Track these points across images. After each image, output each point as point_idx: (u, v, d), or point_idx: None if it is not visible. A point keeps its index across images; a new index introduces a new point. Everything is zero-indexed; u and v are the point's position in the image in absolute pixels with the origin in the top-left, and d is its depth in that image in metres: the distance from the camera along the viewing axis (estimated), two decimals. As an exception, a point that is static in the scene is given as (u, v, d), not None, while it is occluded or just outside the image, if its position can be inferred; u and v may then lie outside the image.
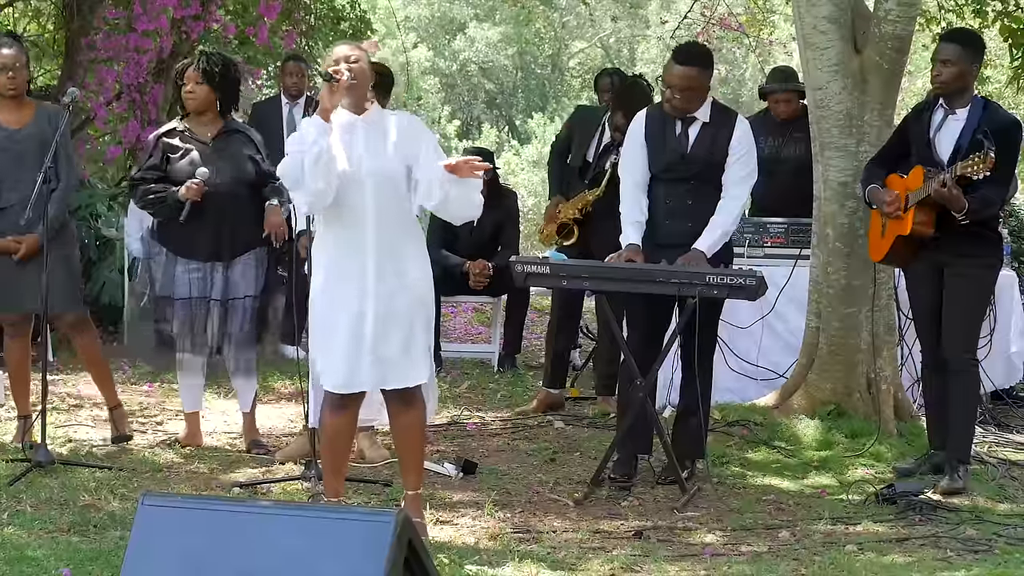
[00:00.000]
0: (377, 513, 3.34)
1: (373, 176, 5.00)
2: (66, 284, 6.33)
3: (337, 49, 5.14)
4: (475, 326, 11.17)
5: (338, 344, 5.05)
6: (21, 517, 5.24)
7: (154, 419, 7.36)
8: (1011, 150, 5.97)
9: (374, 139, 5.06)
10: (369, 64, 5.15)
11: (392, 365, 5.06)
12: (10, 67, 6.26)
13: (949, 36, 6.25)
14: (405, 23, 30.38)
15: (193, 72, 6.38)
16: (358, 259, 5.02)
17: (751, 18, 14.85)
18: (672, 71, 6.02)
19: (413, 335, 5.08)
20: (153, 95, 10.24)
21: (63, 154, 6.26)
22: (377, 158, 5.03)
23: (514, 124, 35.66)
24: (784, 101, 8.10)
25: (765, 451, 6.70)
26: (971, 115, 5.96)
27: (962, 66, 5.97)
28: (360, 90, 5.07)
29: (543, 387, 7.86)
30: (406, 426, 5.18)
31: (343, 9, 13.86)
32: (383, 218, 5.02)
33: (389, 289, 5.02)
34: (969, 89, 6.05)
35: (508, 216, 9.19)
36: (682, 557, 5.01)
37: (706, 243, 5.95)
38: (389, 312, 5.02)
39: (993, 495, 5.98)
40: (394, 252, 5.05)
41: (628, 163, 6.19)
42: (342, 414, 5.16)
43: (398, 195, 5.06)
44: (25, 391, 6.55)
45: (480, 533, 5.30)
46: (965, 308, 6.03)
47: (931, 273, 6.10)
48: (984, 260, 6.06)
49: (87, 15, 10.61)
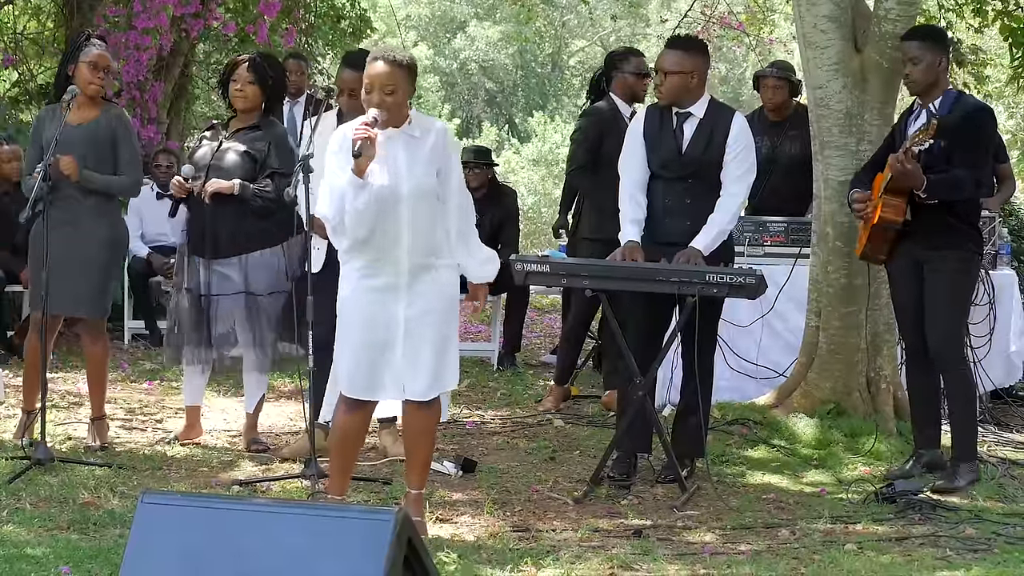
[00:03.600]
0: (377, 511, 3.33)
1: (412, 192, 4.96)
2: (96, 289, 6.39)
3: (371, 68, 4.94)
4: (475, 324, 11.17)
5: (364, 351, 5.02)
6: (21, 515, 5.23)
7: (154, 417, 7.35)
8: (977, 133, 5.99)
9: (412, 153, 5.00)
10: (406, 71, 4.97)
11: (423, 374, 5.05)
12: (101, 67, 6.36)
13: (910, 34, 6.25)
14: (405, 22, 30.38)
15: (247, 72, 6.39)
16: (392, 268, 4.99)
17: (751, 17, 14.85)
18: (661, 56, 6.09)
19: (446, 341, 5.09)
20: (153, 92, 10.25)
21: (125, 154, 6.39)
22: (415, 175, 4.98)
23: (514, 123, 35.67)
24: (773, 87, 8.08)
25: (765, 450, 6.70)
26: (942, 106, 6.00)
27: (928, 59, 6.00)
28: (399, 110, 4.98)
29: (555, 385, 7.87)
30: (422, 428, 5.17)
31: (343, 7, 13.85)
32: (418, 230, 4.99)
33: (424, 298, 5.01)
34: (940, 83, 6.08)
35: (508, 215, 9.20)
36: (681, 556, 5.01)
37: (703, 241, 5.95)
38: (425, 321, 5.01)
39: (993, 494, 5.97)
40: (427, 260, 5.02)
41: (627, 161, 6.18)
42: (356, 414, 5.15)
43: (432, 206, 5.03)
44: (36, 388, 6.56)
45: (479, 531, 5.30)
46: (944, 304, 6.03)
47: (910, 268, 6.11)
48: (959, 254, 6.02)
49: (87, 13, 10.62)
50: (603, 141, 7.68)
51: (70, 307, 6.35)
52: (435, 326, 5.04)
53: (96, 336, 6.50)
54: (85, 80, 6.32)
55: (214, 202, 6.35)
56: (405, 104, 5.02)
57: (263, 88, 6.43)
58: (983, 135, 6.07)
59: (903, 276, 6.17)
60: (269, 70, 6.44)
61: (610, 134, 7.59)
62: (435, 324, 5.04)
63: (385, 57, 4.96)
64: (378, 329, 5.00)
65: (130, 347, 9.52)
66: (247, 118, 6.50)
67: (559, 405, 7.78)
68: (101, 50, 6.42)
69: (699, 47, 6.11)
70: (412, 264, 4.99)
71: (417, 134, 5.02)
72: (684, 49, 6.04)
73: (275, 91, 6.52)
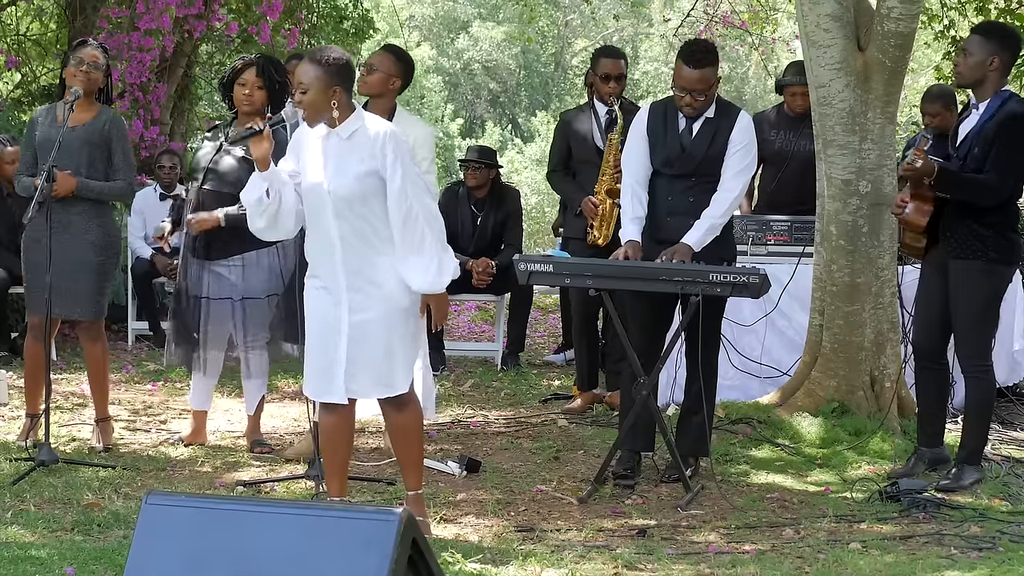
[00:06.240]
0: (381, 511, 3.33)
1: (334, 195, 4.92)
2: (92, 291, 6.39)
3: (299, 71, 4.97)
4: (478, 324, 11.17)
5: (314, 351, 5.07)
6: (25, 516, 5.24)
7: (158, 418, 7.36)
8: (1012, 139, 5.84)
9: (341, 155, 4.94)
10: (324, 70, 4.90)
11: (365, 376, 5.02)
12: (87, 61, 6.37)
13: (976, 28, 6.21)
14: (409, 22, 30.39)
15: (256, 78, 6.39)
16: (330, 271, 5.00)
17: (754, 16, 14.83)
18: (685, 75, 5.93)
19: (391, 346, 5.00)
20: (156, 94, 10.26)
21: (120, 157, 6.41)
22: (340, 176, 4.92)
23: (517, 122, 35.68)
24: (801, 94, 8.06)
25: (768, 449, 6.70)
26: (988, 108, 5.92)
27: (979, 56, 5.89)
28: (315, 110, 4.92)
29: (581, 391, 7.83)
30: (399, 428, 5.18)
31: (345, 8, 13.85)
32: (349, 237, 4.94)
33: (362, 302, 4.97)
34: (988, 81, 5.92)
35: (511, 214, 9.21)
36: (686, 555, 5.01)
37: (694, 237, 5.92)
38: (363, 324, 4.97)
39: (997, 493, 5.97)
40: (363, 266, 4.96)
41: (629, 159, 6.17)
42: (333, 416, 5.15)
43: (367, 212, 4.93)
44: (38, 390, 6.56)
45: (484, 531, 5.30)
46: (967, 311, 5.99)
47: (937, 271, 6.08)
48: (981, 264, 5.94)
49: (90, 14, 10.63)
50: (570, 144, 7.81)
51: (67, 310, 6.35)
52: (376, 334, 4.98)
53: (94, 338, 6.51)
54: (70, 75, 6.34)
55: (212, 206, 6.35)
56: (326, 104, 4.91)
57: (270, 92, 6.44)
58: (1017, 141, 5.86)
59: (930, 278, 6.15)
60: (276, 74, 6.44)
61: (575, 137, 7.76)
62: (376, 332, 4.98)
63: (310, 56, 5.02)
64: (326, 331, 5.02)
65: (134, 348, 9.52)
66: (249, 121, 6.49)
67: (587, 406, 7.75)
68: (93, 48, 6.44)
69: (715, 58, 6.03)
70: (347, 267, 4.95)
71: (346, 135, 4.95)
72: (706, 65, 5.92)
73: (280, 95, 6.52)
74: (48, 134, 6.30)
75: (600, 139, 7.63)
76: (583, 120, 7.77)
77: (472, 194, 9.16)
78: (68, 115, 6.21)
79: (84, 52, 6.40)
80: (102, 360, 6.56)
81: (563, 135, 7.90)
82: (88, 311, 6.41)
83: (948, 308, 6.05)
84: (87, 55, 6.38)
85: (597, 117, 7.66)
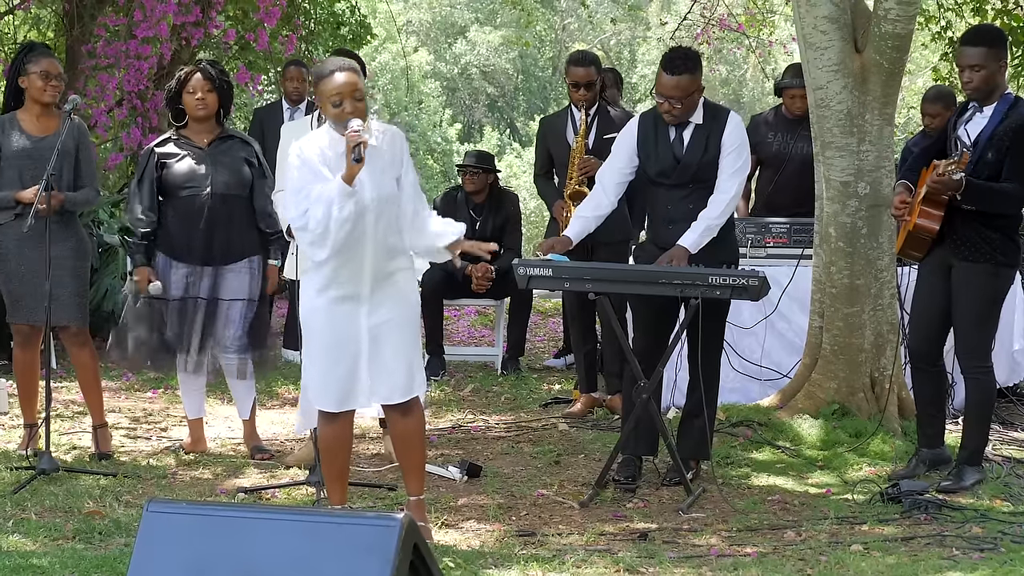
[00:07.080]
0: (382, 517, 3.33)
1: (375, 201, 4.98)
2: (75, 296, 6.38)
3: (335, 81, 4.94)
4: (478, 329, 11.16)
5: (332, 363, 5.05)
6: (26, 525, 5.23)
7: (158, 425, 7.36)
8: None
9: (373, 161, 4.99)
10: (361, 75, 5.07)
11: (391, 380, 5.06)
12: (53, 75, 6.35)
13: (972, 40, 6.01)
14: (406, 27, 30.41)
15: (204, 81, 6.39)
16: (354, 277, 5.02)
17: (751, 18, 14.83)
18: (664, 81, 5.95)
19: (408, 347, 5.09)
20: (154, 101, 10.24)
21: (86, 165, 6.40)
22: (377, 183, 4.99)
23: (515, 127, 35.70)
24: (800, 97, 8.05)
25: (769, 451, 6.70)
26: (996, 111, 5.90)
27: (991, 67, 5.86)
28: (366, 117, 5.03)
29: (582, 393, 7.84)
30: (405, 433, 5.19)
31: (343, 14, 13.86)
32: (381, 237, 5.02)
33: (385, 305, 5.03)
34: (998, 87, 5.92)
35: (510, 219, 9.20)
36: (687, 558, 5.01)
37: (690, 239, 5.92)
38: (387, 328, 5.02)
39: (998, 493, 5.97)
40: (388, 269, 5.06)
41: (604, 167, 6.23)
42: (336, 424, 5.16)
43: (394, 213, 5.06)
44: (33, 400, 6.57)
45: (485, 536, 5.30)
46: (970, 312, 5.99)
47: (939, 273, 6.06)
48: (987, 267, 5.93)
49: (87, 22, 10.62)
50: (549, 150, 7.87)
51: (55, 316, 6.25)
52: (397, 332, 5.05)
53: (81, 344, 6.50)
54: (39, 90, 6.32)
55: (219, 210, 6.35)
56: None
57: (219, 94, 6.45)
58: None
59: (929, 279, 6.12)
60: (221, 75, 6.47)
61: (553, 141, 7.82)
62: (397, 330, 5.05)
63: (343, 67, 4.98)
64: (343, 342, 5.03)
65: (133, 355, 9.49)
66: (209, 127, 6.49)
67: (588, 409, 7.76)
68: (51, 58, 6.42)
69: (695, 64, 6.00)
70: (374, 271, 5.01)
71: (375, 143, 5.00)
72: (684, 72, 5.91)
73: (227, 95, 6.54)
74: (19, 143, 6.28)
75: None
76: (560, 125, 7.81)
77: (470, 199, 9.15)
78: (66, 123, 6.20)
79: (47, 64, 6.34)
80: (92, 366, 6.55)
81: (543, 140, 7.97)
82: (76, 317, 6.40)
83: (949, 309, 6.04)
84: (51, 67, 6.34)
85: (574, 122, 7.67)
